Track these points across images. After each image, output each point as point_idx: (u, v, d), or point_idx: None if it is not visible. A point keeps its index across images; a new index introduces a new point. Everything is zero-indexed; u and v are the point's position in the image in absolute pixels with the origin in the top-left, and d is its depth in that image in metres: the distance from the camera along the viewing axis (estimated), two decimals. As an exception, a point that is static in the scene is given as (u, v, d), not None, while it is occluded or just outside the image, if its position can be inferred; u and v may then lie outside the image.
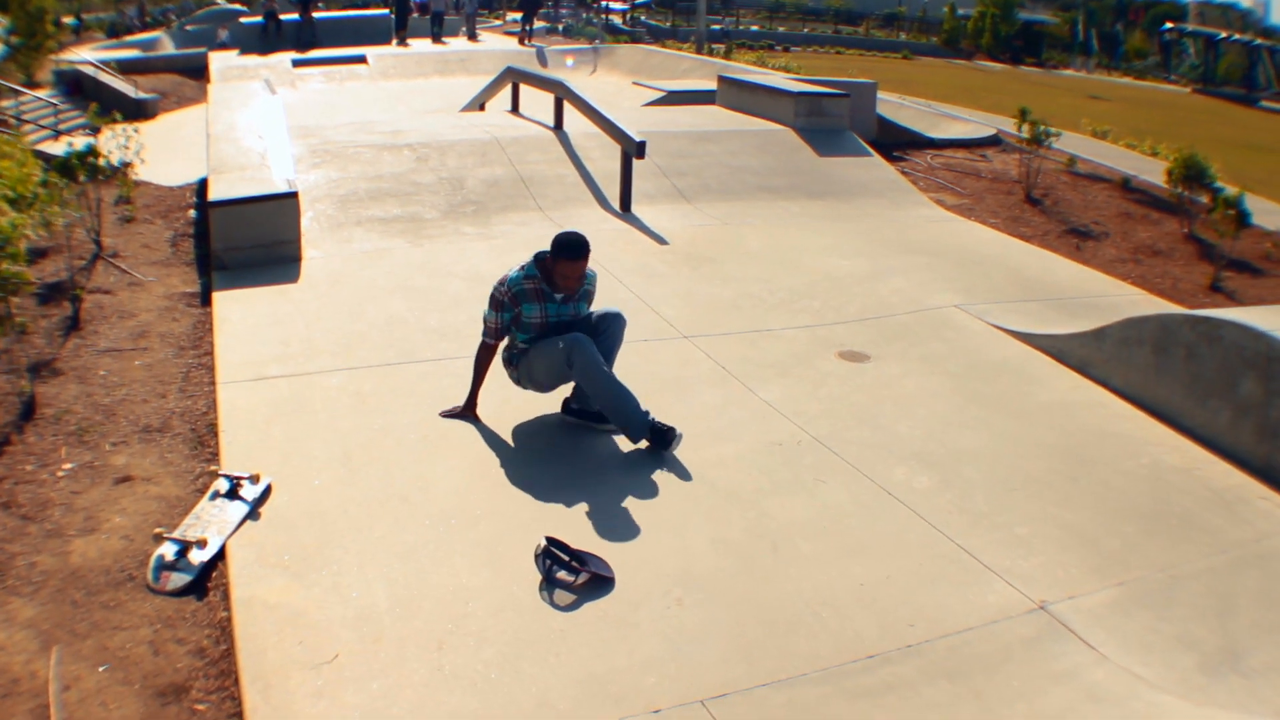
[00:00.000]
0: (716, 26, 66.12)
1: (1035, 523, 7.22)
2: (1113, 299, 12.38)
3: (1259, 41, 74.15)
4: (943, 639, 5.91)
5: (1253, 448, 8.39)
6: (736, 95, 20.94)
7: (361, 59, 35.10)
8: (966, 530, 7.04)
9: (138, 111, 25.41)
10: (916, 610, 6.15)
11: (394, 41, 42.33)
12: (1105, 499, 7.67)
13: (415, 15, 46.76)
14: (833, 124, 18.91)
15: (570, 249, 7.63)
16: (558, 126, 17.38)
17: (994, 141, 22.35)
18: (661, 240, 13.24)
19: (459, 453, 7.61)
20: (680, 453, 7.74)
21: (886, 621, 6.02)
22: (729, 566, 6.44)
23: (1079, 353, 10.03)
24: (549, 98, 17.75)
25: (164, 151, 17.08)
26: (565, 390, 8.24)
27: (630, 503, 7.03)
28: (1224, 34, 73.67)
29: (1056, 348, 10.26)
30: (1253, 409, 8.41)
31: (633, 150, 14.38)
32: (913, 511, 7.23)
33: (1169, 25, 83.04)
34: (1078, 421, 8.98)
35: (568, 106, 17.22)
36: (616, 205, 14.63)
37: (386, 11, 47.05)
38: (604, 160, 15.76)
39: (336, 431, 7.79)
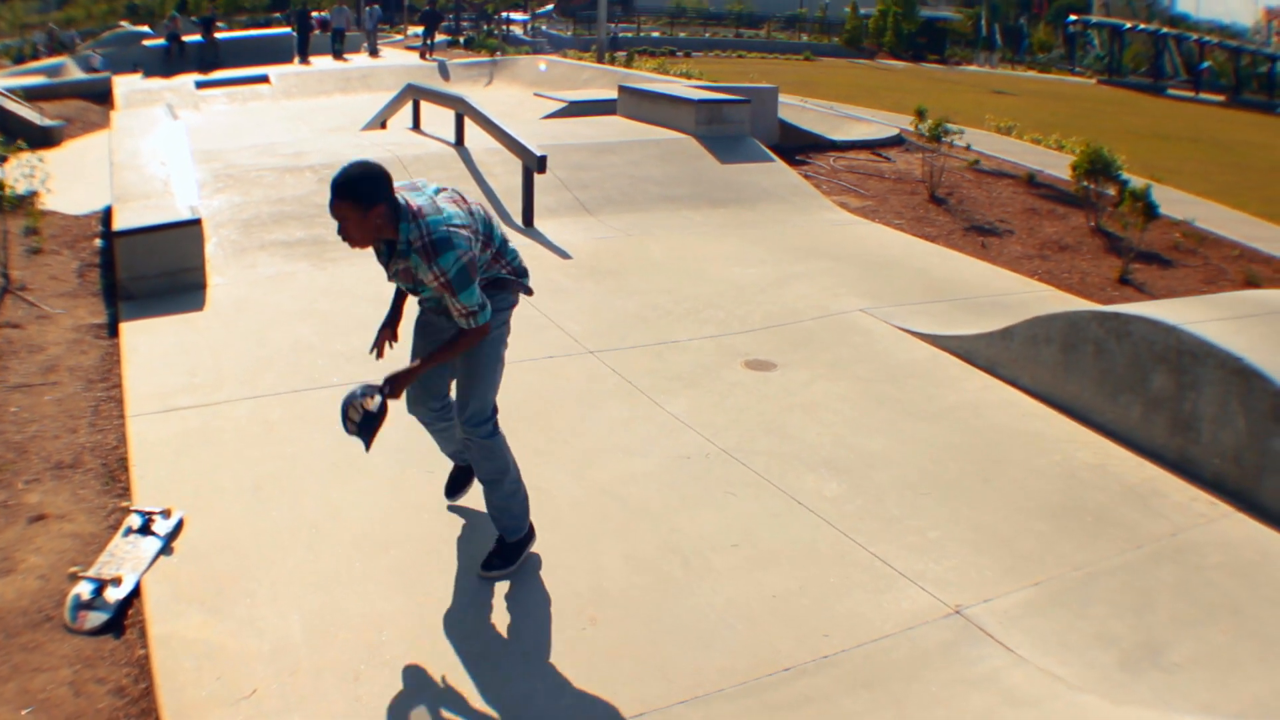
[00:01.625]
0: (619, 35, 66.23)
1: (947, 525, 7.30)
2: (1020, 296, 12.55)
3: (1165, 30, 75.32)
4: (859, 648, 5.95)
5: (1166, 441, 8.53)
6: (637, 105, 20.98)
7: (264, 79, 35.06)
8: (878, 536, 7.10)
9: (44, 139, 25.03)
10: (831, 620, 6.19)
11: (296, 60, 42.35)
12: (1018, 498, 7.76)
13: (317, 33, 46.72)
14: (734, 130, 19.01)
15: (333, 188, 5.86)
16: (459, 143, 17.36)
17: (897, 141, 22.59)
18: (565, 254, 13.25)
19: (369, 477, 7.57)
20: (590, 470, 7.76)
21: (801, 632, 6.06)
22: (642, 583, 6.46)
23: (987, 353, 10.14)
24: (450, 114, 17.71)
25: (70, 179, 16.87)
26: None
27: (541, 521, 7.00)
28: (1129, 24, 74.71)
29: (964, 348, 10.38)
30: (1165, 403, 8.56)
31: (534, 165, 14.39)
32: (823, 520, 7.27)
33: (1073, 17, 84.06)
34: (988, 421, 9.09)
35: (469, 122, 17.19)
36: (519, 221, 14.62)
37: (289, 30, 46.99)
38: (506, 175, 15.76)
39: (246, 461, 7.74)
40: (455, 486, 7.31)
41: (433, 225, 5.83)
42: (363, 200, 5.74)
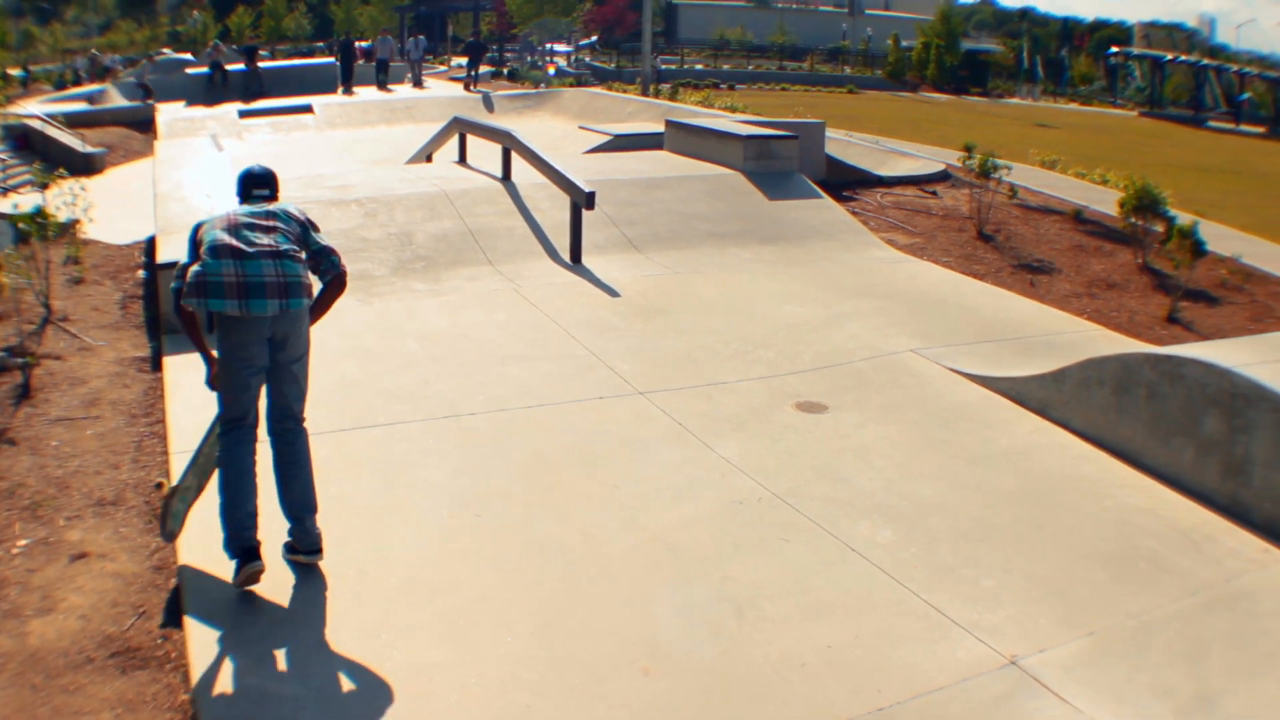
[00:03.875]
0: (662, 67, 66.36)
1: (1001, 573, 7.24)
2: (1069, 336, 12.46)
3: (1205, 62, 75.03)
4: (914, 700, 5.90)
5: (1218, 485, 8.44)
6: (684, 139, 20.97)
7: (308, 108, 35.17)
8: (932, 584, 7.05)
9: (85, 166, 25.31)
10: (886, 671, 6.14)
11: (340, 90, 42.58)
12: (1071, 545, 7.69)
13: (360, 63, 46.96)
14: (782, 166, 18.97)
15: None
16: (505, 177, 17.36)
17: (943, 177, 22.51)
18: (613, 292, 13.25)
19: (416, 521, 7.56)
20: (641, 516, 7.73)
21: (857, 684, 6.01)
22: (695, 634, 6.42)
23: (1038, 394, 10.07)
24: (497, 147, 17.72)
25: (112, 208, 17.01)
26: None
27: (592, 569, 7.00)
28: (1170, 56, 74.41)
29: (1016, 390, 10.31)
30: (1217, 446, 8.47)
31: (582, 201, 14.39)
32: (877, 567, 7.23)
33: (1114, 49, 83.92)
34: (1040, 466, 9.02)
35: (515, 156, 17.19)
36: (567, 257, 14.64)
37: (332, 60, 47.26)
38: (553, 211, 15.77)
39: None
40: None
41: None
42: None
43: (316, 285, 6.95)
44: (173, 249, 11.72)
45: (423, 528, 7.50)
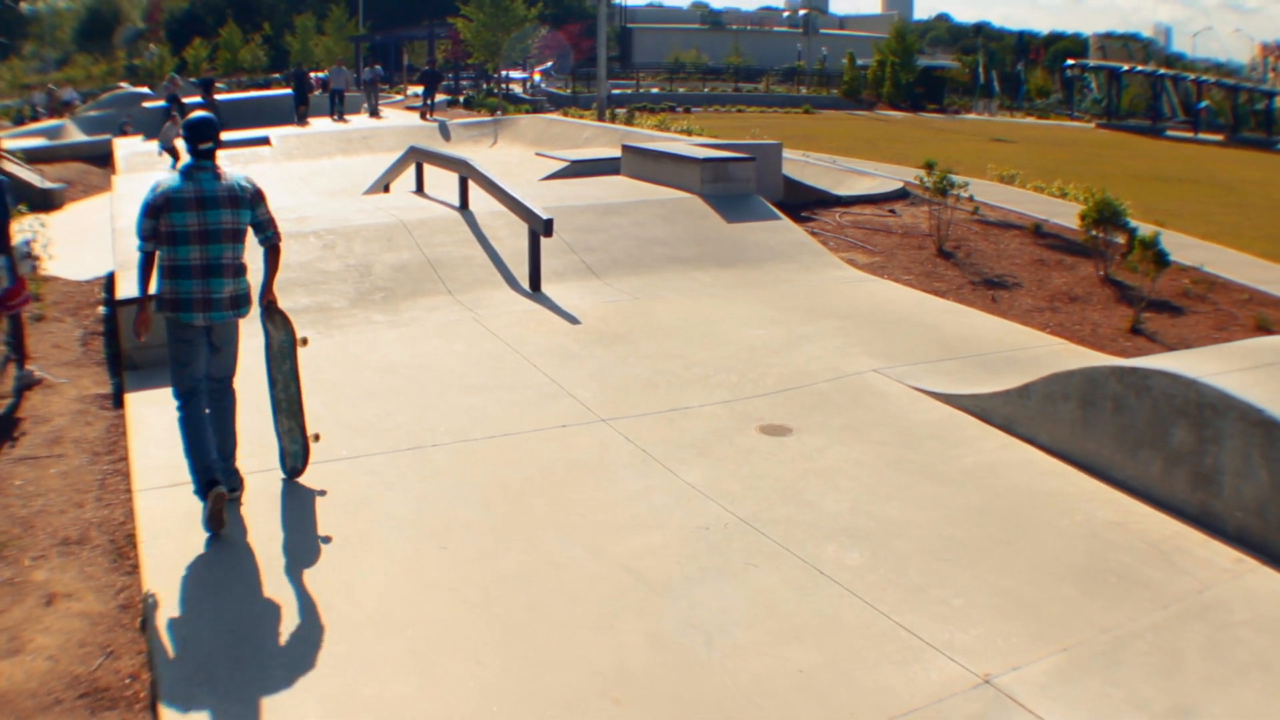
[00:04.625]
0: (617, 91, 66.53)
1: (972, 592, 7.25)
2: (1033, 351, 12.54)
3: (1162, 71, 75.52)
4: (888, 723, 5.90)
5: (1188, 496, 8.50)
6: (641, 164, 21.02)
7: (265, 140, 35.19)
8: (902, 605, 7.06)
9: (45, 202, 25.12)
10: (859, 694, 6.14)
11: (296, 121, 42.40)
12: (1041, 561, 7.71)
13: (317, 93, 46.88)
14: (739, 189, 19.05)
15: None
16: (463, 206, 17.38)
17: (902, 195, 22.62)
18: (573, 319, 13.27)
19: (382, 554, 7.54)
20: (608, 544, 7.73)
21: (829, 709, 6.01)
22: (665, 661, 6.41)
23: (1003, 411, 10.12)
24: (454, 175, 17.74)
25: (72, 244, 16.98)
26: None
27: (560, 599, 7.00)
28: (1126, 66, 74.94)
29: (980, 407, 10.35)
30: (1185, 457, 8.53)
31: (540, 228, 14.40)
32: (846, 590, 7.23)
33: (1070, 61, 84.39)
34: (1007, 482, 9.06)
35: (473, 184, 17.24)
36: (526, 285, 14.66)
37: (288, 91, 47.19)
38: (511, 239, 15.82)
39: (258, 537, 7.72)
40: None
41: None
42: None
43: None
44: (132, 285, 11.69)
45: (389, 561, 7.47)
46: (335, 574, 7.27)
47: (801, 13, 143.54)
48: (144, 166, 28.97)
